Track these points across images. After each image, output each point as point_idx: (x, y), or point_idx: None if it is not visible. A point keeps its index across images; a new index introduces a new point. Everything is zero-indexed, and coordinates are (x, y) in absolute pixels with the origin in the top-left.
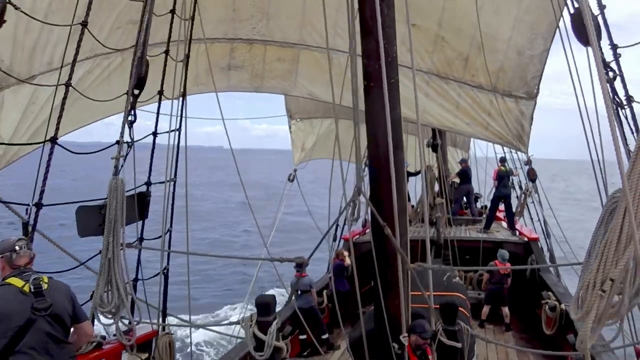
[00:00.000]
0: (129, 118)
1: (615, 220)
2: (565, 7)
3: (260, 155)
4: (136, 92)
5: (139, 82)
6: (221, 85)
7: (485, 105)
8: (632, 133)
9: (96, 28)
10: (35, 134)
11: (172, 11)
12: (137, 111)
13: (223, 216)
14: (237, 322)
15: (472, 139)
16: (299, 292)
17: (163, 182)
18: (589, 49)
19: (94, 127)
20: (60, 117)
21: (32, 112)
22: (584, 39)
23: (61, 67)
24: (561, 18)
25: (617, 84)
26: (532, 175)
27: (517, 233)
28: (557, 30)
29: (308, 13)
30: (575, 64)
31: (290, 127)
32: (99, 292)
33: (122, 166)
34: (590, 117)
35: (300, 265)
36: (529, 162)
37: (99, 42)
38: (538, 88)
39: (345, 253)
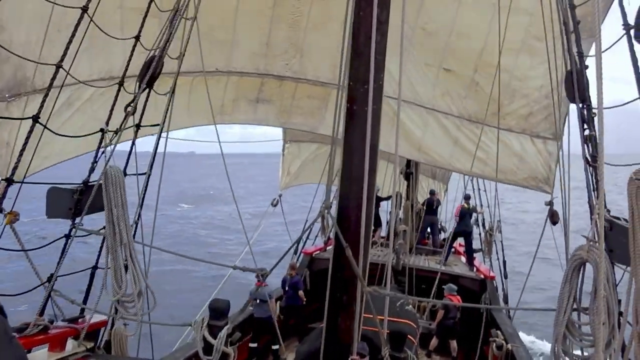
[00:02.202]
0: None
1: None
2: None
3: (231, 160)
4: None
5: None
6: (247, 118)
7: (516, 148)
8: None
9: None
10: (45, 147)
11: (177, 10)
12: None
13: None
14: (189, 324)
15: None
16: (258, 301)
17: (137, 174)
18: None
19: None
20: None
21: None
22: (571, 96)
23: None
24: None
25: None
26: (554, 218)
27: (475, 269)
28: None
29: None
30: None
31: (283, 151)
32: (122, 281)
33: (101, 155)
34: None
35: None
36: (551, 203)
37: (103, 32)
38: (563, 128)
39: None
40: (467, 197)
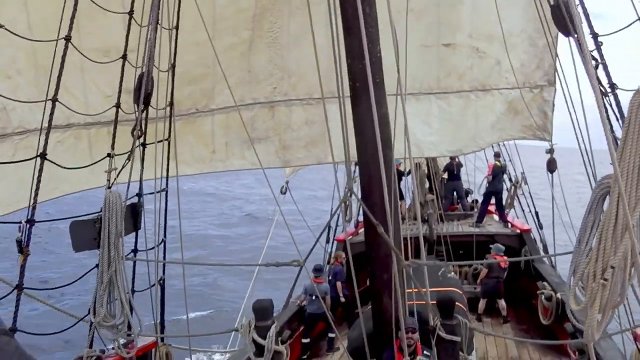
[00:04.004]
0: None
1: (610, 207)
2: None
3: None
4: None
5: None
6: (244, 163)
7: (517, 103)
8: (617, 120)
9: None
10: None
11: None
12: None
13: None
14: (236, 329)
15: None
16: (313, 297)
17: (154, 193)
18: (571, 39)
19: None
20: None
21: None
22: (565, 29)
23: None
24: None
25: (600, 72)
26: (552, 167)
27: (510, 225)
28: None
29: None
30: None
31: None
32: (103, 307)
33: (115, 179)
34: (575, 106)
35: (318, 270)
36: (551, 151)
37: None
38: (554, 74)
39: (343, 255)
40: (497, 155)
